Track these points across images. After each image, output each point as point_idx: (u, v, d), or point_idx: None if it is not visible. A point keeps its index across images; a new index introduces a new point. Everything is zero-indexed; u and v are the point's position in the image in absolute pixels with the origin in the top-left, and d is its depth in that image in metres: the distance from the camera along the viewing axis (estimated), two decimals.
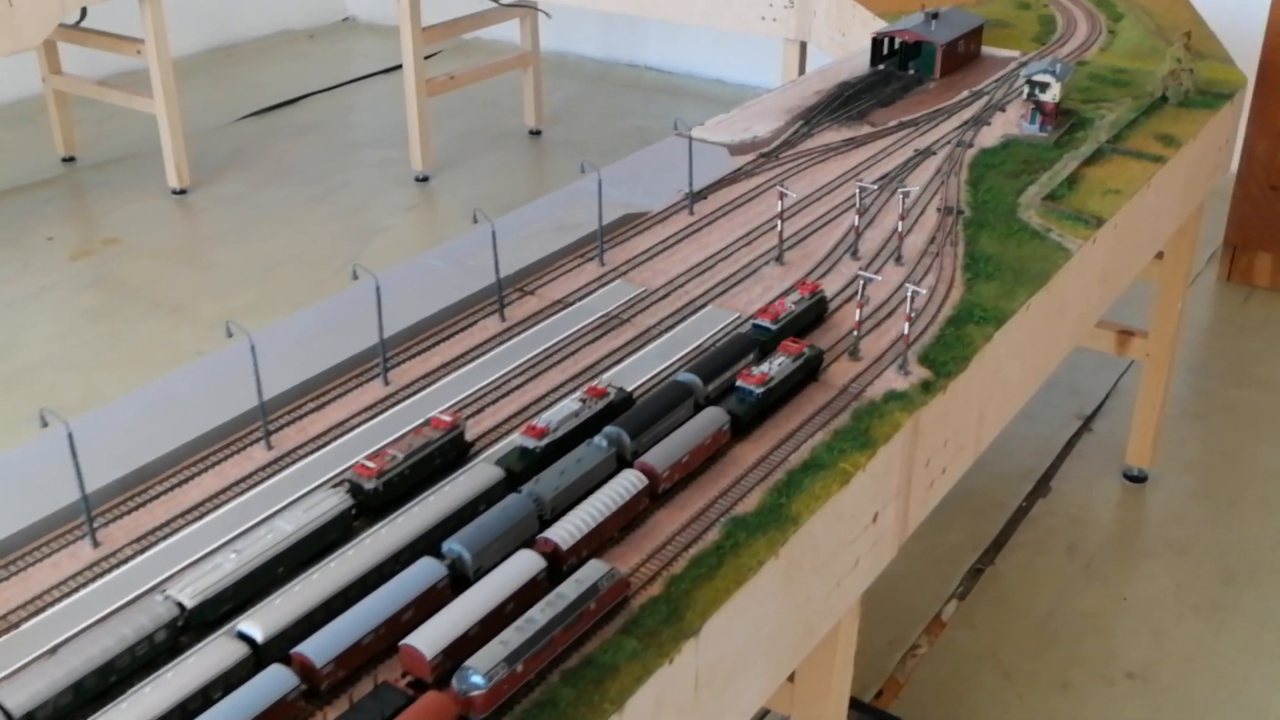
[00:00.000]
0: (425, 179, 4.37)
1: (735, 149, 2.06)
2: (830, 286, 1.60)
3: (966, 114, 2.21)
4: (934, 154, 2.03)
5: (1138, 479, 2.73)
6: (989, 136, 2.11)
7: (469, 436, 1.27)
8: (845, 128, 2.15)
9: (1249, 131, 3.42)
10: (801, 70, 3.43)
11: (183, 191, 4.26)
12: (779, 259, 1.66)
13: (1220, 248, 3.65)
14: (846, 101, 2.27)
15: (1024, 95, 2.12)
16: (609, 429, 1.21)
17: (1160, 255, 2.54)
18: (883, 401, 1.36)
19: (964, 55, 2.49)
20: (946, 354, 1.45)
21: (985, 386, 1.53)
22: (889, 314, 1.52)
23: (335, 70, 5.62)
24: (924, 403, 1.37)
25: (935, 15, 2.47)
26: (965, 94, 2.32)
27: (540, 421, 1.21)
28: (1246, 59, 3.39)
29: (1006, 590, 2.42)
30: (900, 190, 1.64)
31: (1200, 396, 3.06)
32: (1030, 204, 1.85)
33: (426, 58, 5.63)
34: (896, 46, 2.46)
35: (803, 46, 3.38)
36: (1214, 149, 2.33)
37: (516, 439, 1.21)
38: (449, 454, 1.22)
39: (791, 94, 2.33)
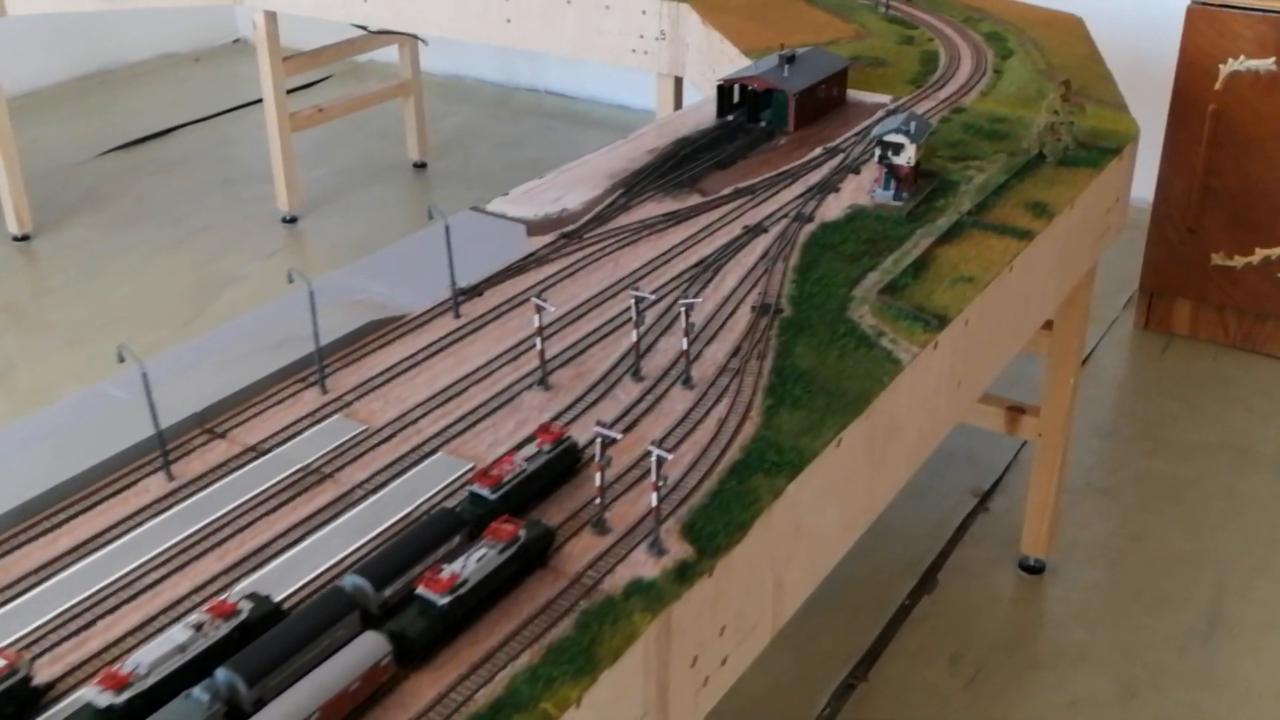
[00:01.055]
0: (293, 220, 4.05)
1: (536, 226, 1.76)
2: (607, 414, 1.31)
3: (815, 178, 1.92)
4: (765, 231, 1.74)
5: (1034, 570, 2.45)
6: (835, 206, 1.81)
7: (51, 676, 0.96)
8: (671, 198, 1.85)
9: (1163, 171, 3.16)
10: (677, 106, 3.14)
11: (24, 238, 3.92)
12: (543, 383, 1.36)
13: (1137, 292, 3.38)
14: (681, 163, 1.98)
15: (875, 158, 1.83)
16: (220, 673, 0.91)
17: (1050, 325, 2.27)
18: (623, 598, 1.06)
19: (824, 102, 2.20)
20: (721, 519, 1.16)
21: (780, 549, 1.24)
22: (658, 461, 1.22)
23: (220, 97, 5.28)
24: (677, 595, 1.07)
25: (791, 58, 2.18)
26: (819, 151, 2.03)
27: (126, 665, 0.91)
28: (1159, 92, 3.13)
29: (880, 712, 2.13)
30: (682, 303, 1.34)
31: (1108, 467, 2.78)
32: (865, 298, 1.56)
33: (313, 84, 5.33)
34: (747, 95, 2.16)
35: (678, 82, 3.09)
36: (1101, 210, 2.05)
37: (87, 693, 0.90)
38: (4, 714, 0.90)
39: (620, 154, 2.03)
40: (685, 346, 1.35)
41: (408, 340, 1.46)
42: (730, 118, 2.17)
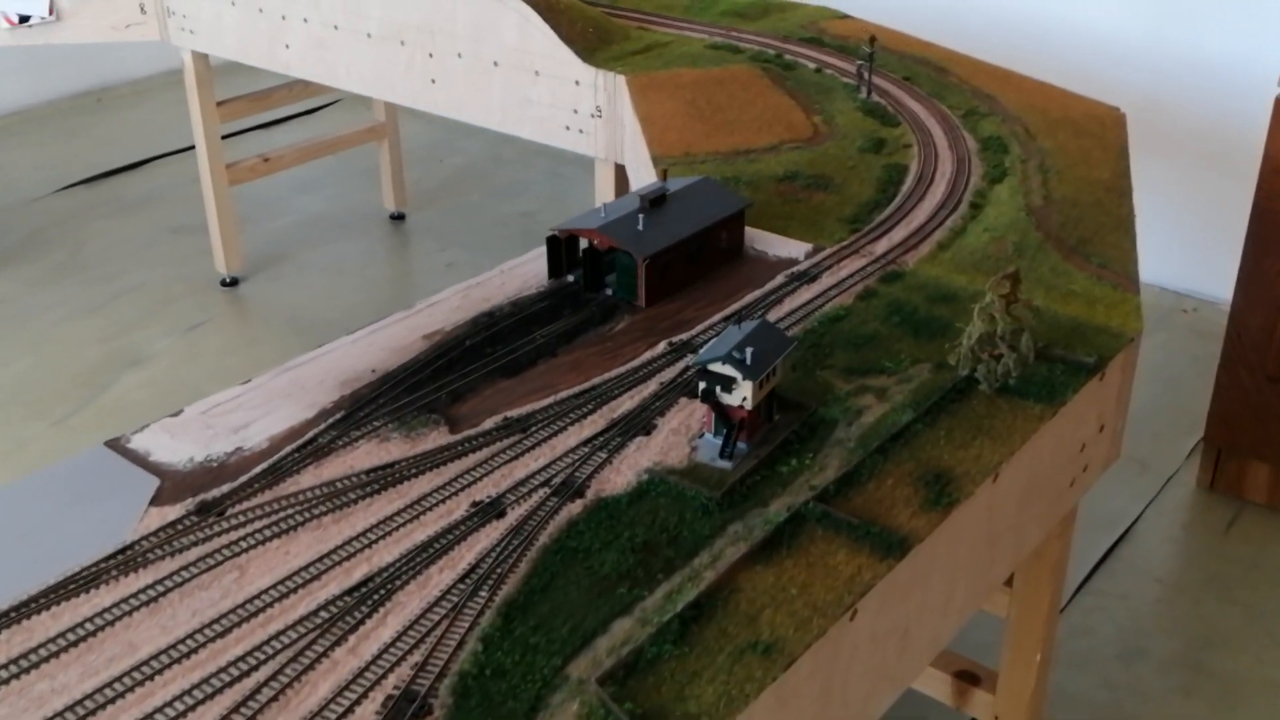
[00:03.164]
0: (233, 282, 3.57)
1: (175, 483, 1.20)
2: None
3: (630, 402, 1.33)
4: (501, 516, 1.16)
5: None
6: (630, 466, 1.22)
7: None
8: (403, 432, 1.27)
9: (1238, 302, 2.46)
10: (619, 195, 2.55)
11: None
12: None
13: (1201, 444, 2.69)
14: (458, 361, 1.40)
15: (699, 394, 1.23)
16: None
17: (1010, 581, 1.63)
18: None
19: (700, 262, 1.60)
20: None
21: None
22: None
23: None
24: None
25: (660, 198, 1.58)
26: (662, 349, 1.43)
27: None
28: (1242, 198, 2.47)
29: None
30: None
31: (1123, 710, 2.12)
32: (583, 683, 0.97)
33: (309, 112, 4.86)
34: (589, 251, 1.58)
35: (620, 170, 2.50)
36: (1070, 451, 1.41)
37: None
38: None
39: (383, 340, 1.46)
40: None
41: None
42: (571, 278, 1.59)
